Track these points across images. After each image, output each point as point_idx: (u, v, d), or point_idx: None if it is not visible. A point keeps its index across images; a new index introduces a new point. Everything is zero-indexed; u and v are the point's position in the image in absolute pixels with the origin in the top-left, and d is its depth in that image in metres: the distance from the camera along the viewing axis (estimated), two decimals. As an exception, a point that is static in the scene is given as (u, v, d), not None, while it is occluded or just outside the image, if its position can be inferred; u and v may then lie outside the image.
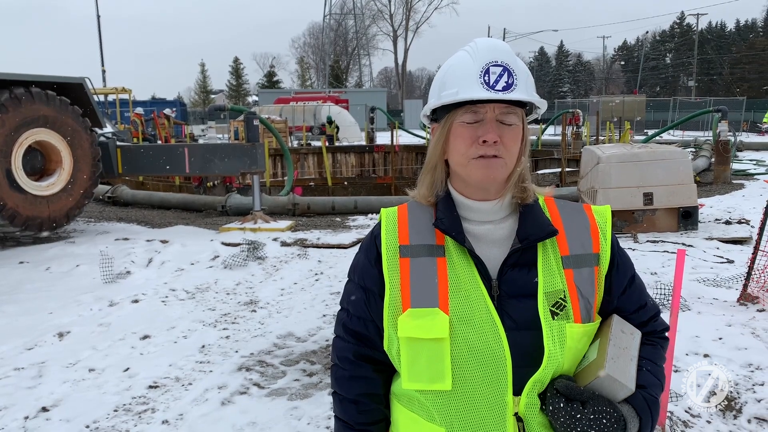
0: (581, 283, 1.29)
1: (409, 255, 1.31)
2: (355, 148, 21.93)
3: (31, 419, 3.86)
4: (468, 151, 1.28)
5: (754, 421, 3.64)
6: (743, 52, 73.66)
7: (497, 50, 1.29)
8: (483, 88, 1.25)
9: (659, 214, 8.96)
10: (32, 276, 7.25)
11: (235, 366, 4.66)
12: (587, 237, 1.33)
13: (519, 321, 1.24)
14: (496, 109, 1.27)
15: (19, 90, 8.36)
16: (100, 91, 21.40)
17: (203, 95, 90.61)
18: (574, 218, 1.36)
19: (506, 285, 1.27)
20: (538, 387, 1.24)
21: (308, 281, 7.05)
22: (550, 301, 1.25)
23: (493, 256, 1.30)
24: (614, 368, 1.21)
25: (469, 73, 1.27)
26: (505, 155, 1.28)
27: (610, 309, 1.35)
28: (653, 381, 1.31)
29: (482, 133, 1.26)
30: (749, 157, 21.15)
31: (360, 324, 1.39)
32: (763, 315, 5.26)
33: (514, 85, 1.26)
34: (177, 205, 12.45)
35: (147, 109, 26.19)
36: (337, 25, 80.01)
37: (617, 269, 1.35)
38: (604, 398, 1.21)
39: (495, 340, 1.23)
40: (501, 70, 1.26)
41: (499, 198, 1.34)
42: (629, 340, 1.29)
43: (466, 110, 1.28)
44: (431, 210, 1.36)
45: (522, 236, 1.29)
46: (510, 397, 1.23)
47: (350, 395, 1.40)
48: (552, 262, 1.29)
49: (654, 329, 1.41)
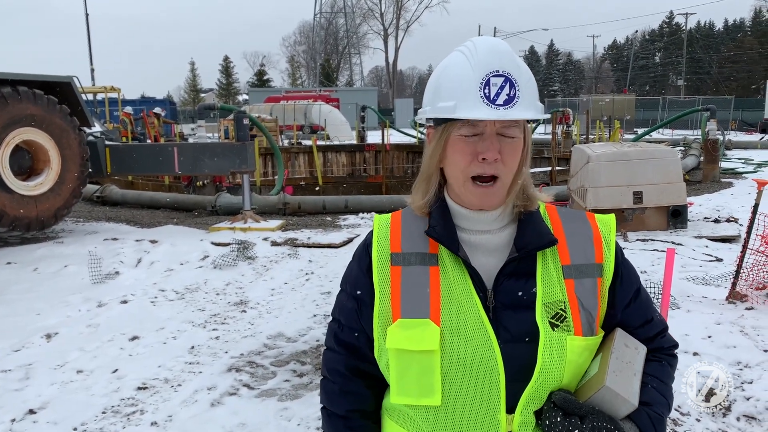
0: (583, 295, 1.22)
1: (401, 263, 1.25)
2: (346, 147, 21.93)
3: (18, 422, 3.82)
4: (467, 168, 1.21)
5: (743, 419, 3.66)
6: (732, 51, 74.22)
7: (498, 56, 1.19)
8: (483, 103, 1.17)
9: (649, 213, 9.00)
10: (20, 277, 7.19)
11: (225, 367, 4.63)
12: (590, 246, 1.27)
13: (515, 333, 1.18)
14: (497, 123, 1.19)
15: (6, 89, 8.29)
16: (88, 89, 21.19)
17: (193, 94, 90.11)
18: (577, 227, 1.30)
19: (502, 295, 1.21)
20: (533, 404, 1.18)
21: (299, 281, 7.02)
22: (549, 313, 1.19)
23: (489, 265, 1.24)
24: (616, 382, 1.15)
25: (468, 84, 1.18)
26: (503, 173, 1.21)
27: (614, 323, 1.29)
28: (659, 399, 1.23)
29: (482, 149, 1.19)
30: (738, 156, 21.31)
31: (351, 335, 1.33)
32: (751, 313, 5.29)
33: (517, 98, 1.18)
34: (166, 205, 12.38)
35: (136, 108, 26.01)
36: (327, 24, 79.86)
37: (621, 281, 1.29)
38: (604, 414, 1.14)
39: (488, 353, 1.17)
40: (503, 81, 1.17)
41: (498, 209, 1.27)
42: (633, 355, 1.23)
43: (464, 123, 1.20)
44: (426, 218, 1.30)
45: (519, 245, 1.24)
46: (503, 415, 1.17)
47: (340, 411, 1.34)
48: (552, 272, 1.23)
49: (661, 345, 1.33)
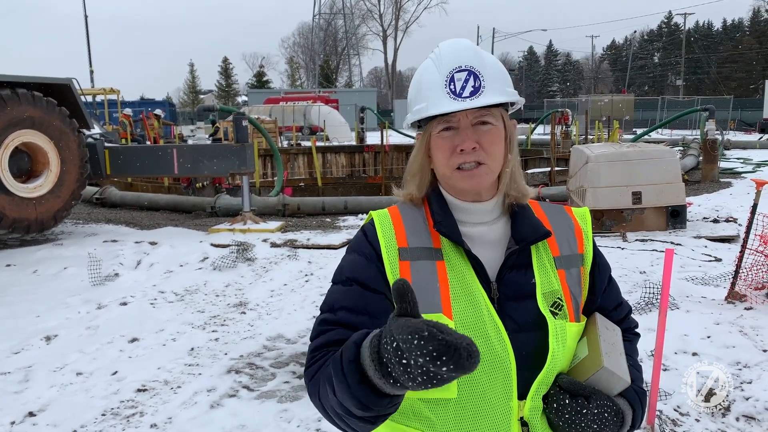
0: (571, 284, 1.30)
1: (409, 258, 1.26)
2: (345, 148, 21.92)
3: (17, 424, 3.82)
4: (449, 161, 1.27)
5: (743, 419, 3.66)
6: (730, 51, 74.28)
7: (459, 53, 1.26)
8: (449, 98, 1.23)
9: (648, 213, 9.01)
10: (19, 279, 7.19)
11: (225, 368, 4.63)
12: (573, 238, 1.34)
13: (521, 322, 1.23)
14: (469, 115, 1.25)
15: (5, 91, 8.29)
16: (87, 91, 21.22)
17: (192, 95, 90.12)
18: (560, 220, 1.37)
19: (505, 287, 1.25)
20: (543, 389, 1.23)
21: (298, 282, 7.02)
22: (549, 302, 1.25)
23: (488, 257, 1.27)
24: (611, 362, 1.22)
25: (435, 84, 1.25)
26: (487, 159, 1.26)
27: (594, 307, 1.36)
28: (637, 375, 1.33)
29: (458, 142, 1.25)
30: (736, 156, 21.31)
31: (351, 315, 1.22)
32: (750, 313, 5.30)
33: (482, 88, 1.23)
34: (166, 207, 12.37)
35: (135, 110, 26.02)
36: (326, 25, 79.92)
37: (599, 269, 1.37)
38: (603, 393, 1.21)
39: (499, 344, 1.21)
40: (466, 75, 1.23)
41: (492, 198, 1.32)
42: (614, 336, 1.31)
43: (439, 121, 1.26)
44: (422, 211, 1.33)
45: (518, 238, 1.28)
46: (515, 402, 1.22)
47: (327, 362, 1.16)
48: (546, 263, 1.29)
49: (629, 326, 1.45)
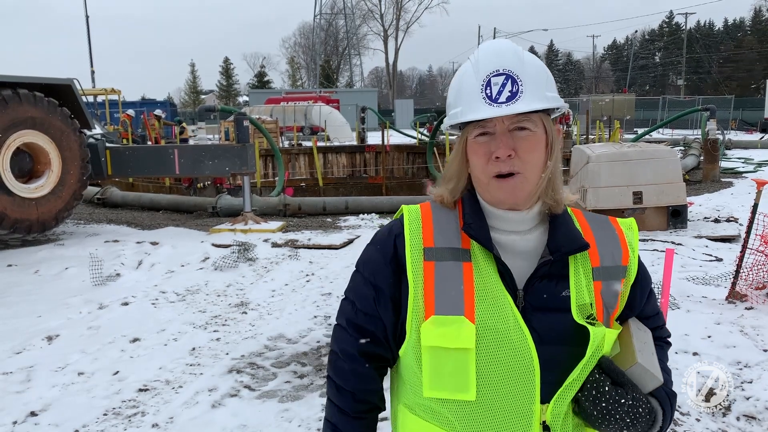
0: (606, 295, 1.26)
1: (434, 258, 1.25)
2: (346, 149, 21.89)
3: (19, 424, 3.83)
4: (486, 168, 1.23)
5: (743, 419, 3.67)
6: (731, 50, 74.21)
7: (499, 56, 1.22)
8: (485, 104, 1.20)
9: (649, 213, 9.00)
10: (21, 279, 7.20)
11: (226, 368, 4.64)
12: (618, 249, 1.31)
13: (543, 335, 1.20)
14: (506, 121, 1.21)
15: (7, 92, 8.31)
16: (88, 92, 21.26)
17: (193, 96, 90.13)
18: (604, 230, 1.34)
19: (532, 297, 1.22)
20: (568, 394, 1.21)
21: (299, 282, 7.03)
22: (583, 314, 1.22)
23: (517, 267, 1.25)
24: (645, 360, 1.21)
25: (471, 88, 1.22)
26: (523, 168, 1.22)
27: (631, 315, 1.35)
28: (668, 378, 1.31)
29: (494, 148, 1.21)
30: (738, 155, 21.30)
31: (366, 319, 1.33)
32: (751, 313, 5.30)
33: (519, 93, 1.19)
34: (167, 207, 12.39)
35: (137, 110, 26.04)
36: (327, 25, 79.83)
37: (642, 282, 1.34)
38: (638, 387, 1.19)
39: (525, 352, 1.19)
40: (503, 79, 1.19)
41: (528, 208, 1.28)
42: (647, 337, 1.30)
43: (475, 126, 1.24)
44: (455, 211, 1.31)
45: (553, 248, 1.25)
46: (537, 406, 1.20)
47: (348, 387, 1.36)
48: (581, 276, 1.25)
49: (661, 335, 1.42)
